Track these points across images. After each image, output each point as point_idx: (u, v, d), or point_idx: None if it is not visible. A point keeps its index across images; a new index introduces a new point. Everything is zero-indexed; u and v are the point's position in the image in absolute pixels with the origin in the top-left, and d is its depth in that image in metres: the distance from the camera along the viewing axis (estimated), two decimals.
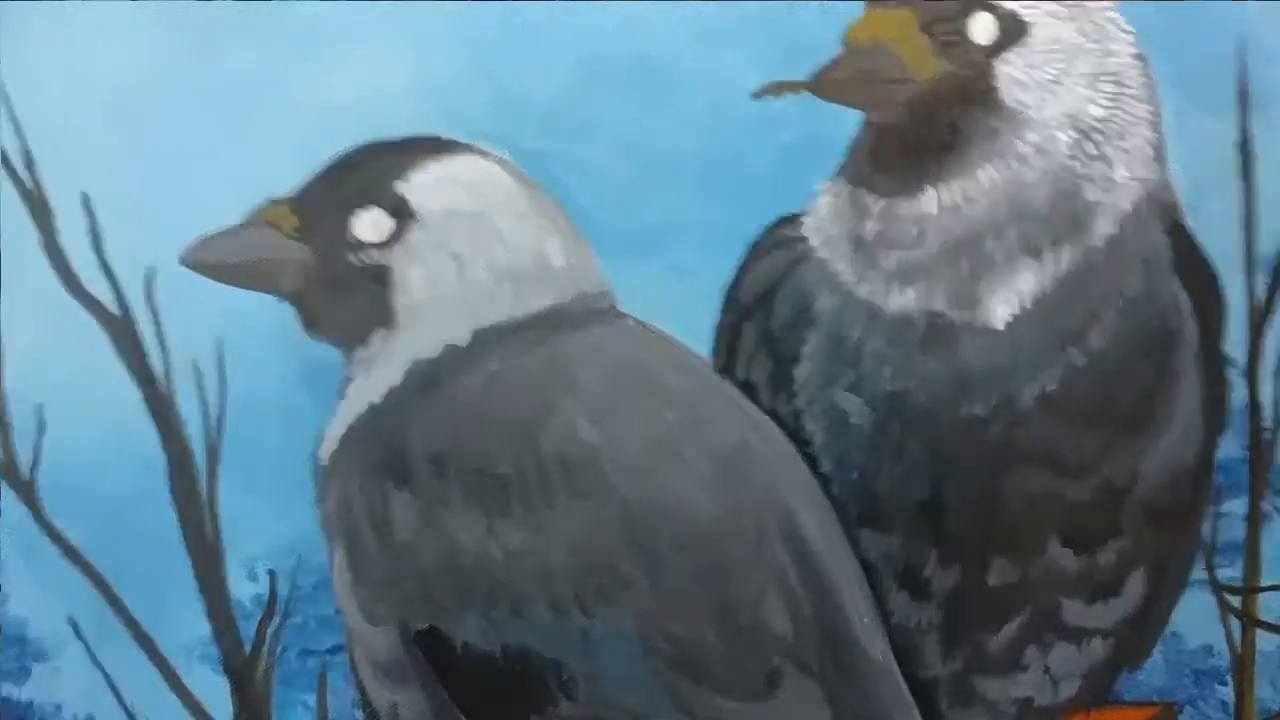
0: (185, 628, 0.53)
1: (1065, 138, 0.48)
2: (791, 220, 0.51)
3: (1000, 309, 0.49)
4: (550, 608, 0.46)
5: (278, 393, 0.51)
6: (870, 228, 0.49)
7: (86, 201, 0.51)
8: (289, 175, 0.50)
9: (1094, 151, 0.48)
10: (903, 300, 0.49)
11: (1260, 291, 0.53)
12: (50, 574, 0.53)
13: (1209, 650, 0.54)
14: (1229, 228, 0.52)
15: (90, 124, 0.51)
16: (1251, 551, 0.54)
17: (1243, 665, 0.54)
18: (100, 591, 0.53)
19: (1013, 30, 0.48)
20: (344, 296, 0.49)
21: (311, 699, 0.53)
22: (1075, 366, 0.49)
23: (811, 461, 0.50)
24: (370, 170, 0.49)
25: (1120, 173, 0.49)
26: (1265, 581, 0.54)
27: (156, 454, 0.52)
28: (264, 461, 0.52)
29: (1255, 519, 0.54)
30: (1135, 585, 0.51)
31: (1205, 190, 0.51)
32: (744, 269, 0.51)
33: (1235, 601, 0.54)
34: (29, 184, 0.51)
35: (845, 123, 0.50)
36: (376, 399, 0.49)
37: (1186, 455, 0.51)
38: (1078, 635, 0.51)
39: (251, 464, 0.52)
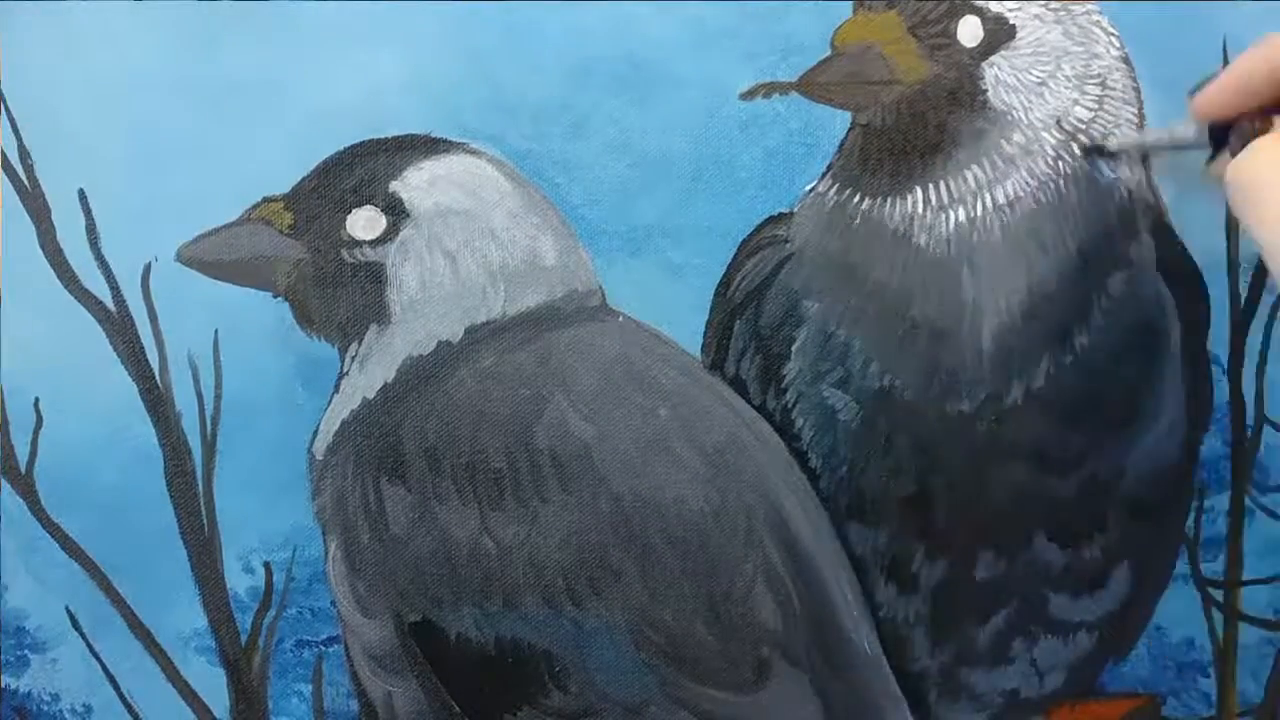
0: (182, 619, 0.53)
1: (1051, 139, 0.49)
2: (780, 219, 0.51)
3: (986, 307, 0.49)
4: (542, 600, 0.47)
5: (273, 388, 0.52)
6: (858, 227, 0.50)
7: (84, 199, 0.51)
8: (285, 173, 0.50)
9: (1079, 152, 0.49)
10: (891, 298, 0.50)
11: (1242, 290, 0.53)
12: (48, 566, 0.53)
13: (1191, 643, 0.54)
14: (1212, 227, 0.52)
15: (87, 122, 0.51)
16: (1234, 546, 0.54)
17: (1225, 658, 0.55)
18: (98, 583, 0.53)
19: (999, 33, 0.48)
20: (338, 293, 0.50)
21: (307, 689, 0.53)
22: (1061, 364, 0.49)
23: (800, 457, 0.51)
24: (365, 168, 0.49)
25: (1105, 174, 0.49)
26: (1247, 576, 0.54)
27: (153, 448, 0.52)
28: (259, 456, 0.52)
29: (1238, 514, 0.54)
30: (1120, 579, 0.52)
31: (1188, 190, 0.51)
32: (734, 267, 0.51)
33: (1218, 595, 0.54)
34: (27, 181, 0.51)
35: (834, 124, 0.50)
36: (370, 394, 0.49)
37: (1170, 451, 0.52)
38: (1063, 628, 0.52)
39: (247, 458, 0.52)
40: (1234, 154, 0.39)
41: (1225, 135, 0.41)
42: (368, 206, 0.49)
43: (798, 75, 0.49)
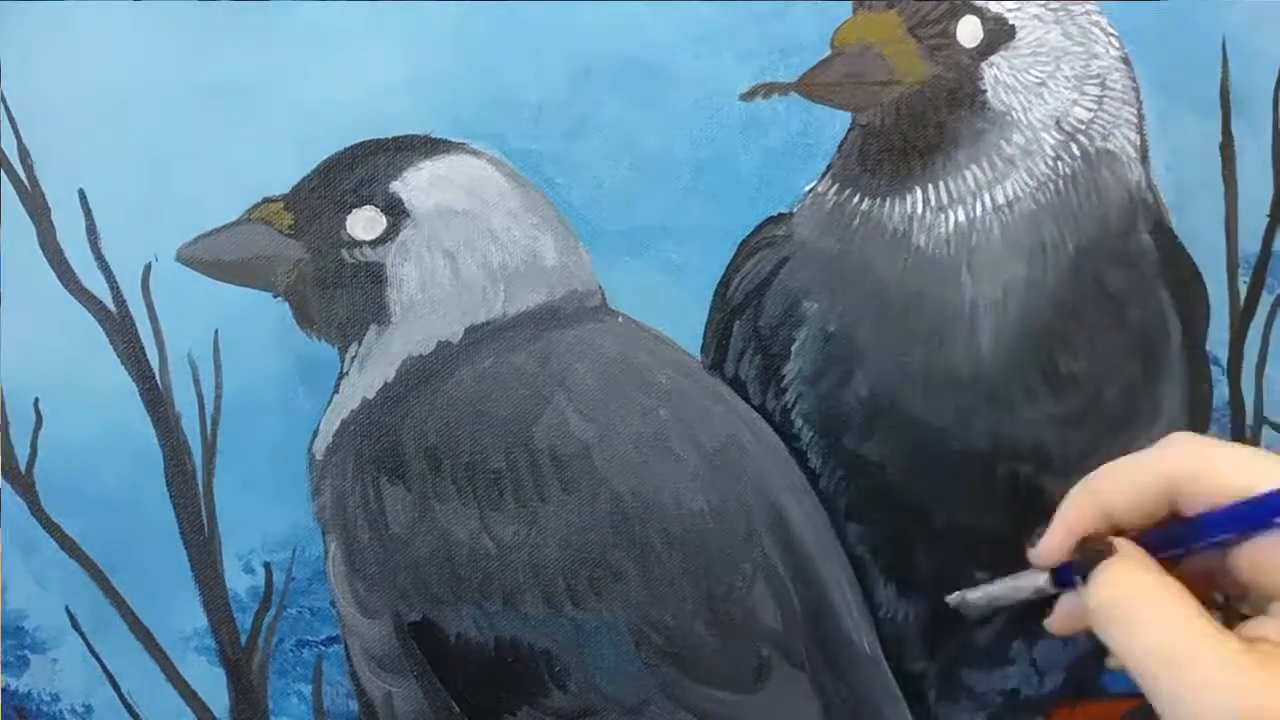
0: (182, 619, 0.53)
1: (1050, 139, 0.49)
2: (780, 219, 0.51)
3: (985, 307, 0.49)
4: (542, 599, 0.47)
5: (273, 388, 0.52)
6: (858, 227, 0.50)
7: (84, 199, 0.51)
8: (285, 173, 0.50)
9: (1078, 153, 0.49)
10: (891, 298, 0.50)
11: (1242, 290, 0.53)
12: (48, 566, 0.53)
13: None
14: (1212, 227, 0.52)
15: (87, 122, 0.51)
16: None
17: None
18: (97, 583, 0.53)
19: (999, 33, 0.48)
20: (338, 293, 0.50)
21: (307, 690, 0.53)
22: (1060, 365, 0.49)
23: (800, 457, 0.51)
24: (365, 169, 0.49)
25: (1104, 174, 0.49)
26: None
27: (153, 448, 0.52)
28: (260, 455, 0.52)
29: None
30: None
31: (1188, 190, 0.52)
32: (733, 267, 0.51)
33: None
34: (27, 181, 0.51)
35: (834, 124, 0.50)
36: (370, 395, 0.49)
37: None
38: None
39: (247, 458, 0.52)
40: (1081, 576, 0.40)
41: (1066, 576, 0.42)
42: (368, 207, 0.49)
43: (798, 75, 0.49)
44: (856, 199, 0.50)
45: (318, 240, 0.49)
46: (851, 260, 0.50)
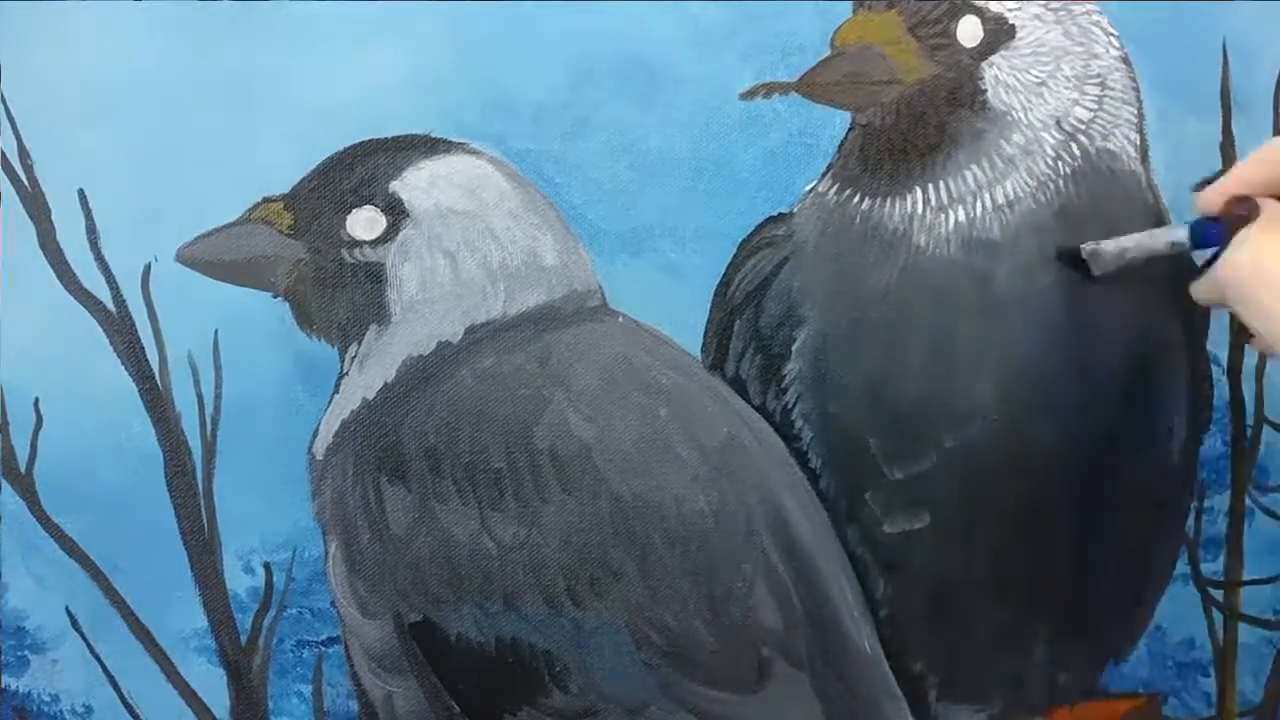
0: (182, 620, 0.53)
1: (1051, 139, 0.49)
2: (780, 219, 0.51)
3: (987, 306, 0.49)
4: (543, 600, 0.47)
5: (273, 388, 0.52)
6: (858, 227, 0.50)
7: (84, 199, 0.51)
8: (285, 173, 0.50)
9: (1079, 152, 0.49)
10: (891, 298, 0.50)
11: None
12: (48, 567, 0.53)
13: (1191, 643, 0.54)
14: None
15: (87, 122, 0.51)
16: (1234, 546, 0.54)
17: (1225, 657, 0.55)
18: (98, 584, 0.53)
19: (999, 33, 0.48)
20: (338, 293, 0.50)
21: (307, 690, 0.53)
22: (1059, 365, 0.49)
23: (800, 457, 0.51)
24: (365, 168, 0.49)
25: (1104, 174, 0.49)
26: (1247, 576, 0.54)
27: (153, 448, 0.52)
28: (260, 456, 0.52)
29: (1238, 514, 0.54)
30: (1120, 579, 0.52)
31: (1188, 190, 0.51)
32: (734, 267, 0.51)
33: (1218, 595, 0.54)
34: (27, 182, 0.51)
35: (834, 124, 0.50)
36: (370, 395, 0.49)
37: (1170, 451, 0.52)
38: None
39: (247, 458, 0.52)
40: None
41: (1210, 235, 0.41)
42: (368, 206, 0.49)
43: (798, 75, 0.49)
44: (857, 199, 0.50)
45: (318, 240, 0.49)
46: (852, 260, 0.50)
